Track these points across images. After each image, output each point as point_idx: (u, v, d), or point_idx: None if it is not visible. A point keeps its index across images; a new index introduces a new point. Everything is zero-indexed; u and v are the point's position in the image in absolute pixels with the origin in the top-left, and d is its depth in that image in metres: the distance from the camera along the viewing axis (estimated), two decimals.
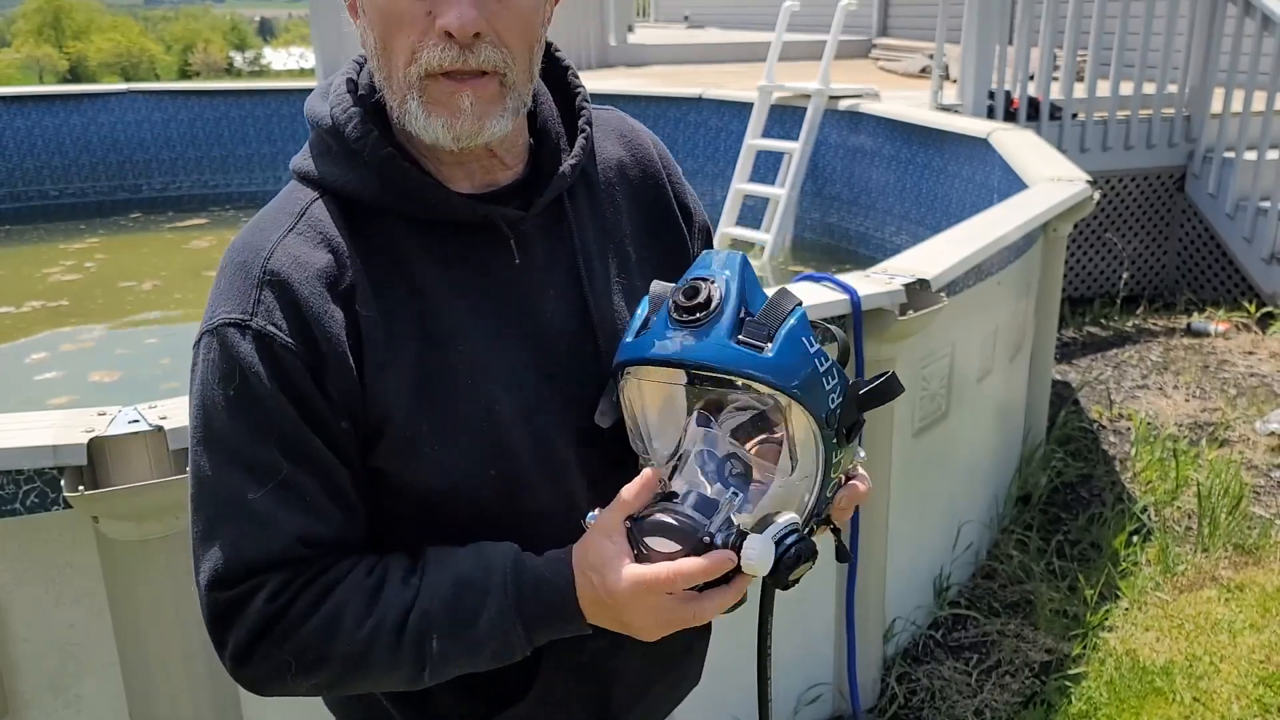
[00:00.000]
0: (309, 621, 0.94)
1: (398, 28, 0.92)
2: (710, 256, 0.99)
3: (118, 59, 33.87)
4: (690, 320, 0.95)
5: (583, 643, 1.02)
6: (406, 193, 0.98)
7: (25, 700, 1.67)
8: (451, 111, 0.94)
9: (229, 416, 0.94)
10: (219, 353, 0.95)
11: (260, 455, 0.94)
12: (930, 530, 3.00)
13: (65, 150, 7.84)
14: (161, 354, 5.21)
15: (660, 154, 1.18)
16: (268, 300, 0.94)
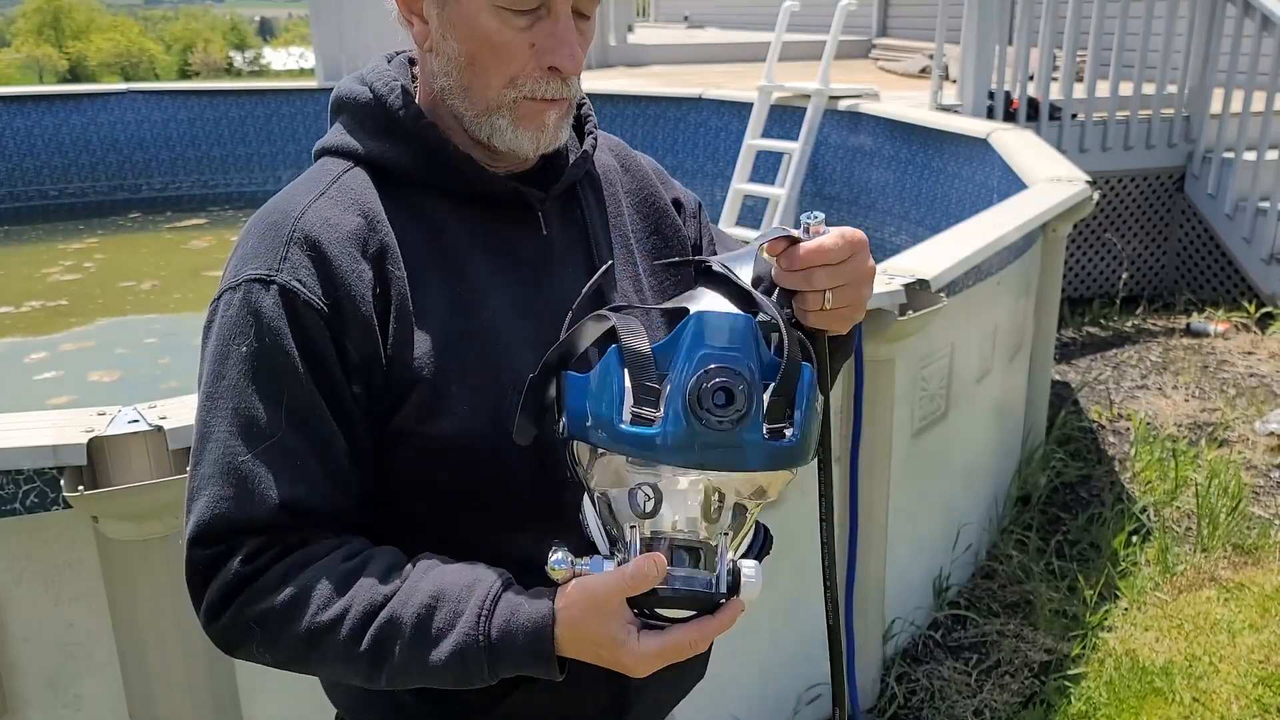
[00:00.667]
0: (278, 591, 0.93)
1: (498, 55, 0.97)
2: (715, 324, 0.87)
3: (117, 59, 33.87)
4: (718, 424, 0.85)
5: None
6: (444, 164, 1.02)
7: (25, 700, 1.67)
8: (539, 128, 1.01)
9: (239, 371, 0.95)
10: (239, 308, 0.97)
11: (260, 413, 0.94)
12: (930, 530, 3.00)
13: (65, 150, 7.84)
14: (161, 354, 5.22)
15: (648, 162, 1.24)
16: (295, 257, 0.97)
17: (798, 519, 2.43)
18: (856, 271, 0.99)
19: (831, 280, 0.98)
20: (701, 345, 0.86)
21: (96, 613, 1.66)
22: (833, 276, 0.98)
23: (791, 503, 2.38)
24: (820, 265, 0.97)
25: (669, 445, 0.85)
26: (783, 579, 2.46)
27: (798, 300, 0.99)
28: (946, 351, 2.84)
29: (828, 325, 1.01)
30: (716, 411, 0.85)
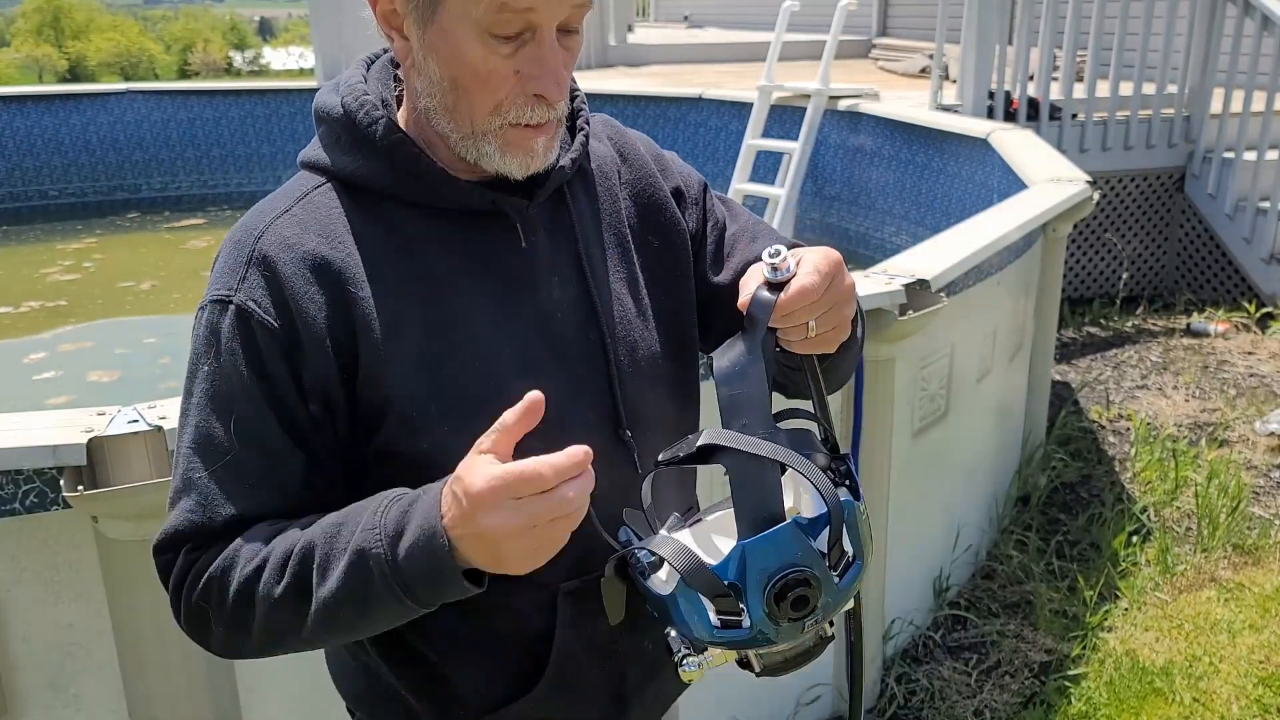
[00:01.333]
0: (214, 564, 0.97)
1: (482, 82, 0.95)
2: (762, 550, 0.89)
3: (117, 59, 33.86)
4: (802, 617, 0.91)
5: (596, 622, 1.04)
6: (417, 177, 1.01)
7: (24, 699, 1.67)
8: (527, 153, 0.99)
9: (201, 390, 0.99)
10: (204, 328, 0.99)
11: (215, 432, 0.98)
12: (929, 531, 3.00)
13: (64, 150, 7.84)
14: (160, 354, 5.21)
15: (647, 147, 1.20)
16: (253, 277, 0.97)
17: None
18: (836, 295, 0.98)
19: (815, 313, 0.96)
20: (765, 565, 0.89)
21: (96, 613, 1.66)
22: (815, 310, 0.96)
23: None
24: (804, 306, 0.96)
25: (765, 637, 0.91)
26: None
27: (782, 334, 0.98)
28: (947, 351, 2.84)
29: (816, 350, 1.01)
30: (796, 612, 0.90)
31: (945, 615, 3.05)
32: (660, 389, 1.12)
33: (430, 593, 0.90)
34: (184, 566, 1.00)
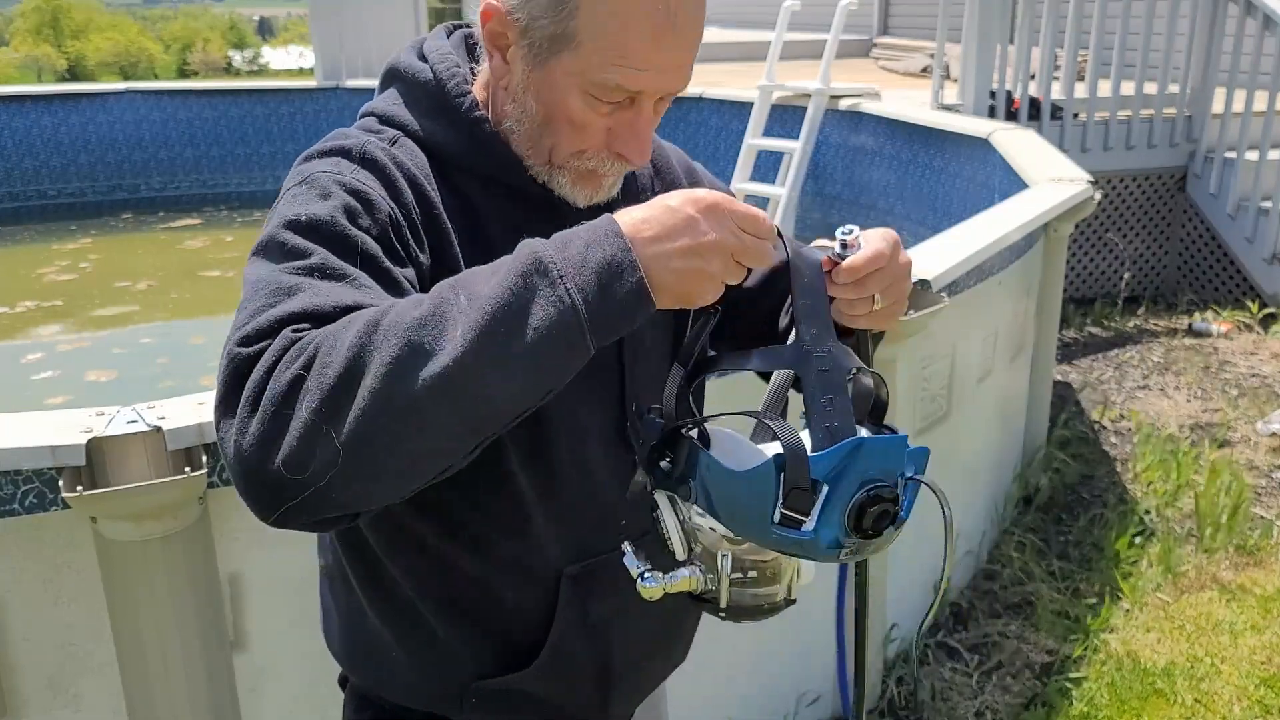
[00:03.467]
0: (326, 331, 0.82)
1: (575, 131, 0.99)
2: (879, 449, 0.85)
3: (116, 58, 33.83)
4: (874, 536, 0.86)
5: (589, 607, 1.10)
6: (489, 155, 1.03)
7: (24, 699, 1.66)
8: (595, 188, 1.04)
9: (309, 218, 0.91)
10: (321, 178, 0.95)
11: (333, 261, 0.89)
12: (930, 532, 2.99)
13: (63, 150, 7.83)
14: (158, 353, 5.21)
15: (679, 159, 1.24)
16: (366, 173, 0.97)
17: None
18: (899, 269, 0.99)
19: (882, 283, 0.97)
20: (866, 469, 0.84)
21: (96, 613, 1.65)
22: (882, 279, 0.97)
23: None
24: (874, 272, 0.96)
25: (817, 548, 0.85)
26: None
27: (845, 307, 0.98)
28: (948, 352, 2.83)
29: (876, 325, 1.02)
30: (875, 529, 0.85)
31: (946, 616, 3.05)
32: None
33: (606, 301, 0.81)
34: (284, 342, 0.81)
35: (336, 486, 0.78)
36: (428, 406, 0.77)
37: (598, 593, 1.11)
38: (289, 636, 1.76)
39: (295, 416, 0.78)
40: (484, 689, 1.10)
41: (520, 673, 1.09)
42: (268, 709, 1.79)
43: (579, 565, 1.10)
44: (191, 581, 1.65)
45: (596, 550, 1.11)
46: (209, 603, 1.68)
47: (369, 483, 0.79)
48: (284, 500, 0.79)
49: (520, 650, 1.10)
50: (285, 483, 0.78)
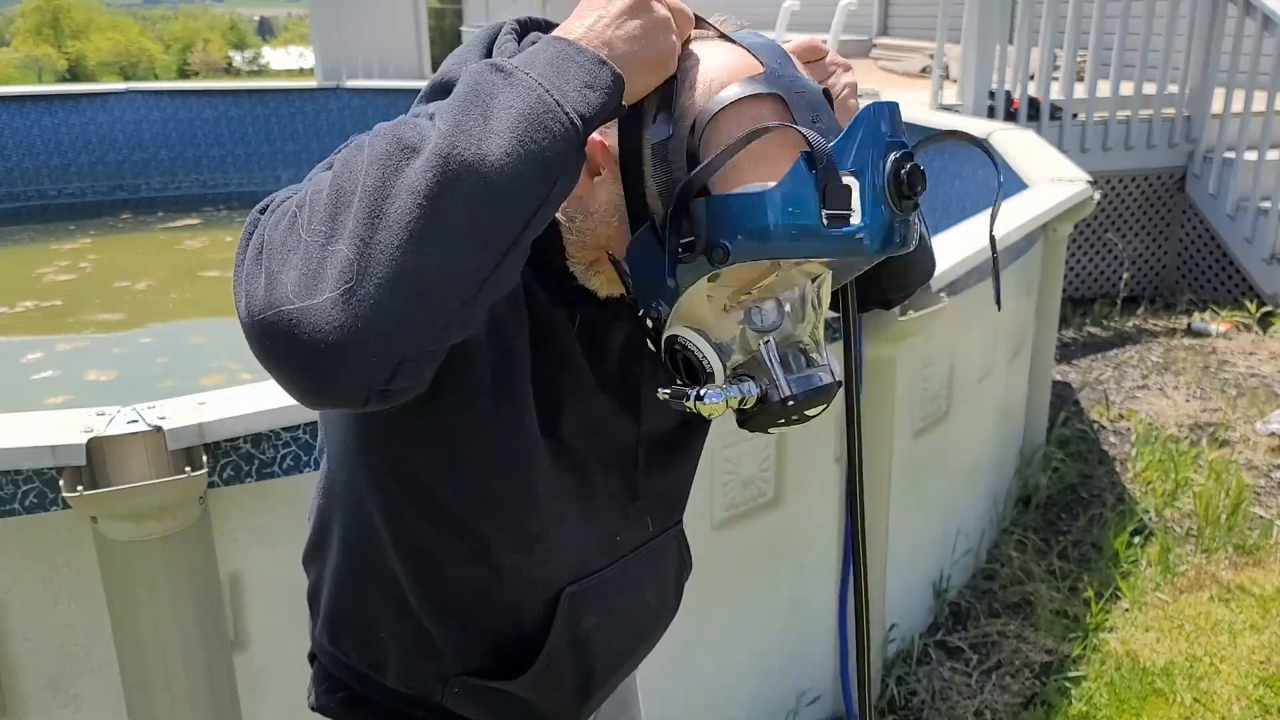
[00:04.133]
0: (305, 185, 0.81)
1: (622, 251, 0.94)
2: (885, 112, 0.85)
3: (117, 58, 33.82)
4: (910, 207, 0.85)
5: (581, 622, 1.11)
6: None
7: (24, 700, 1.66)
8: (614, 286, 0.99)
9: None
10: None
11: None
12: (930, 531, 2.99)
13: (63, 150, 7.82)
14: (158, 353, 5.21)
15: None
16: None
17: (798, 521, 2.43)
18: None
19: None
20: (884, 134, 0.84)
21: (96, 613, 1.66)
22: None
23: (792, 504, 2.38)
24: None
25: (873, 239, 0.84)
26: (783, 579, 2.46)
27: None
28: (947, 352, 2.83)
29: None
30: (911, 195, 0.84)
31: (946, 616, 3.05)
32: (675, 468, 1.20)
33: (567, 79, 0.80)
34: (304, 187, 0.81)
35: (364, 309, 0.73)
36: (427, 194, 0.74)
37: (589, 608, 1.12)
38: (289, 636, 1.76)
39: (299, 249, 0.76)
40: (467, 684, 1.10)
41: (504, 682, 1.10)
42: (268, 709, 1.80)
43: (577, 584, 1.10)
44: (191, 581, 1.65)
45: (595, 568, 1.12)
46: (209, 603, 1.68)
47: (389, 301, 0.74)
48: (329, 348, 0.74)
49: (510, 659, 1.10)
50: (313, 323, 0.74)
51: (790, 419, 0.93)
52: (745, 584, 2.32)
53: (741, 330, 0.93)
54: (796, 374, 0.92)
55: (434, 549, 1.05)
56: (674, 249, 0.87)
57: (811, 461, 2.40)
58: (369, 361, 0.74)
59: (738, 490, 2.25)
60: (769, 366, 0.91)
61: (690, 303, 0.91)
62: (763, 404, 0.91)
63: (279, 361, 0.76)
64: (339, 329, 0.73)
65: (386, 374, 0.76)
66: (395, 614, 1.09)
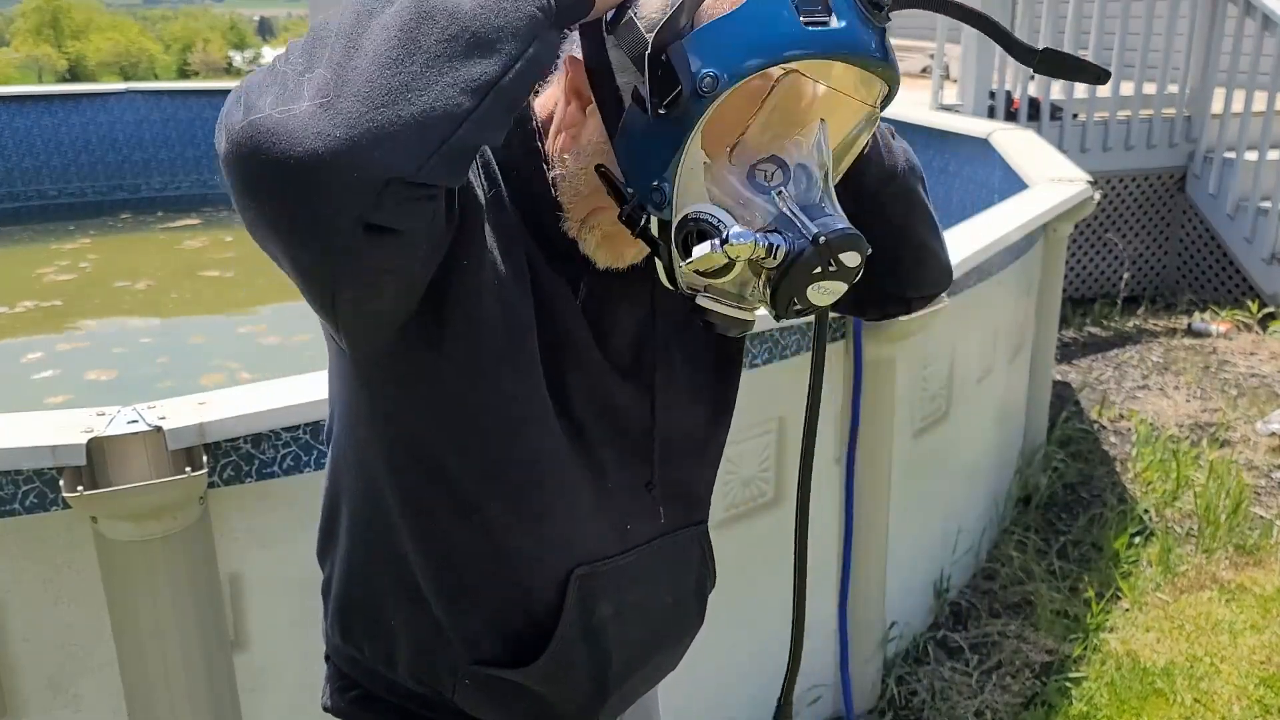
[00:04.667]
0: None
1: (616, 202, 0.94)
2: None
3: (117, 58, 33.82)
4: (880, 16, 0.86)
5: (595, 609, 1.09)
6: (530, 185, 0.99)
7: (24, 700, 1.66)
8: (617, 256, 1.00)
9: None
10: None
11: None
12: (930, 531, 2.99)
13: (63, 150, 7.82)
14: (159, 353, 5.21)
15: None
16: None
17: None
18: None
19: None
20: None
21: (96, 613, 1.66)
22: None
23: (792, 504, 2.37)
24: None
25: (854, 36, 0.85)
26: (783, 579, 2.46)
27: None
28: (947, 352, 2.83)
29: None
30: (880, 7, 0.85)
31: (946, 616, 3.05)
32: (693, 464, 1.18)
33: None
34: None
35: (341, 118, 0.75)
36: (401, 27, 0.77)
37: (603, 596, 1.11)
38: (289, 636, 1.76)
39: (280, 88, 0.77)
40: (478, 674, 1.09)
41: (518, 669, 1.08)
42: (268, 709, 1.79)
43: (588, 566, 1.09)
44: (191, 581, 1.65)
45: (606, 554, 1.11)
46: (209, 603, 1.68)
47: (367, 114, 0.75)
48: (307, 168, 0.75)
49: (521, 646, 1.09)
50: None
51: (828, 270, 0.86)
52: (745, 584, 2.32)
53: (750, 199, 0.89)
54: (819, 218, 0.87)
55: (442, 523, 1.04)
56: (660, 106, 0.87)
57: None
58: (349, 177, 0.74)
59: (738, 490, 2.25)
60: (790, 213, 0.87)
61: (691, 180, 0.89)
62: (793, 257, 0.85)
63: (258, 177, 0.76)
64: (317, 135, 0.73)
65: (370, 197, 0.76)
66: (405, 600, 1.09)
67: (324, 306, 0.87)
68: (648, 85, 0.87)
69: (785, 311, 0.89)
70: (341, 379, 1.06)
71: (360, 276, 0.83)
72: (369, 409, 1.02)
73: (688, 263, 0.88)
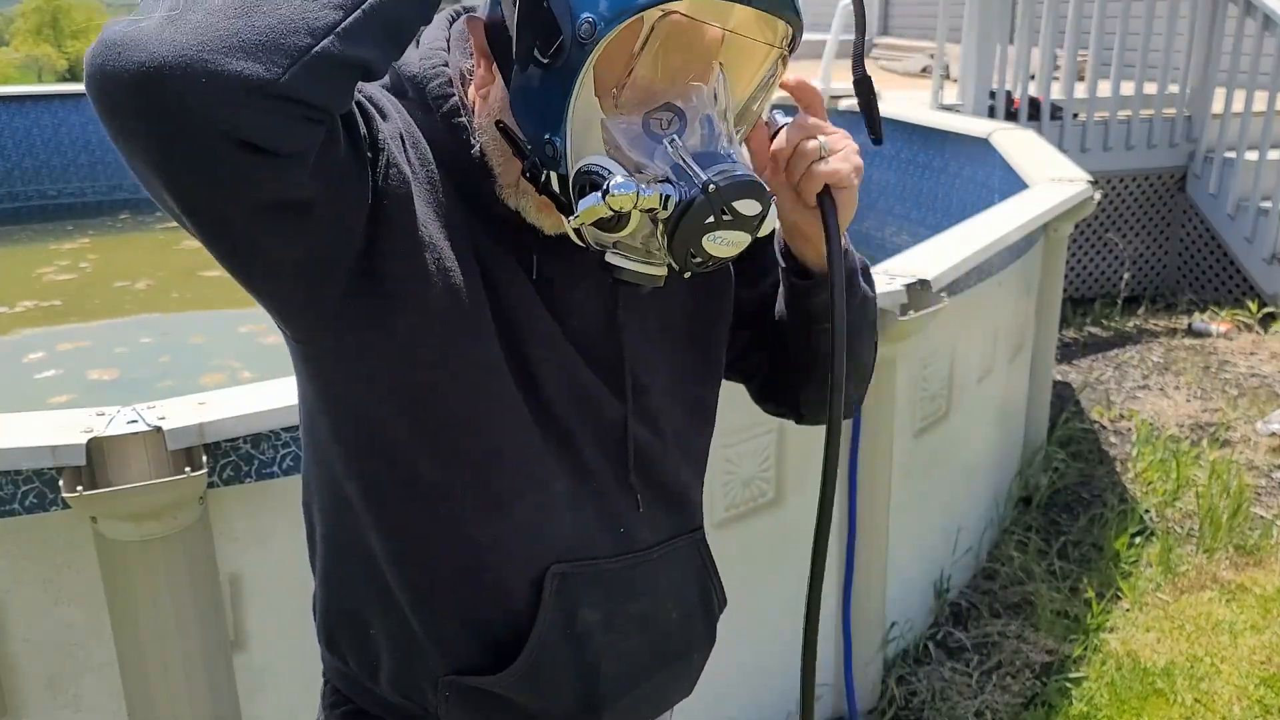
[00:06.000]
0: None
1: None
2: None
3: None
4: None
5: (576, 614, 1.05)
6: (461, 162, 0.98)
7: (23, 700, 1.66)
8: (560, 221, 0.96)
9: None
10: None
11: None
12: (930, 531, 2.99)
13: (63, 150, 7.82)
14: (160, 352, 5.21)
15: None
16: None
17: (798, 521, 2.43)
18: (841, 138, 0.99)
19: (824, 126, 0.97)
20: None
21: (96, 613, 1.66)
22: (822, 123, 0.97)
23: (792, 504, 2.37)
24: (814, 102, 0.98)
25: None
26: (783, 579, 2.46)
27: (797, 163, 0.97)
28: (947, 352, 2.83)
29: (831, 180, 0.97)
30: None
31: (946, 616, 3.05)
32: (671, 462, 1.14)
33: None
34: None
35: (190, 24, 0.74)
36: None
37: (587, 599, 1.06)
38: (289, 636, 1.76)
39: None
40: (458, 685, 1.06)
41: (494, 675, 1.05)
42: (268, 709, 1.79)
43: (568, 565, 1.05)
44: (191, 581, 1.65)
45: (590, 554, 1.07)
46: (209, 603, 1.68)
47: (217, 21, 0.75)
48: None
49: (499, 653, 1.06)
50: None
51: (722, 219, 0.84)
52: (745, 584, 2.32)
53: (649, 148, 0.87)
54: (714, 165, 0.85)
55: (406, 515, 1.02)
56: (544, 56, 0.86)
57: (811, 462, 2.40)
58: (201, 84, 0.73)
59: (738, 490, 2.24)
60: (682, 162, 0.85)
61: (587, 132, 0.87)
62: (683, 207, 0.84)
63: (112, 93, 0.74)
64: (162, 41, 0.72)
65: (230, 108, 0.74)
66: (380, 605, 1.07)
67: (227, 255, 0.85)
68: (530, 36, 0.87)
69: (685, 264, 0.88)
70: (299, 378, 1.05)
71: (248, 202, 0.80)
72: (323, 399, 1.01)
73: (574, 217, 0.87)
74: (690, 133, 0.87)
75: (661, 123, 0.88)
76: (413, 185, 0.94)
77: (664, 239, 0.86)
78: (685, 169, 0.85)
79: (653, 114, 0.89)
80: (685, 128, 0.88)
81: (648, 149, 0.87)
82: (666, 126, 0.88)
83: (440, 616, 1.05)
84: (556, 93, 0.86)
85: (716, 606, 1.23)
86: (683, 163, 0.85)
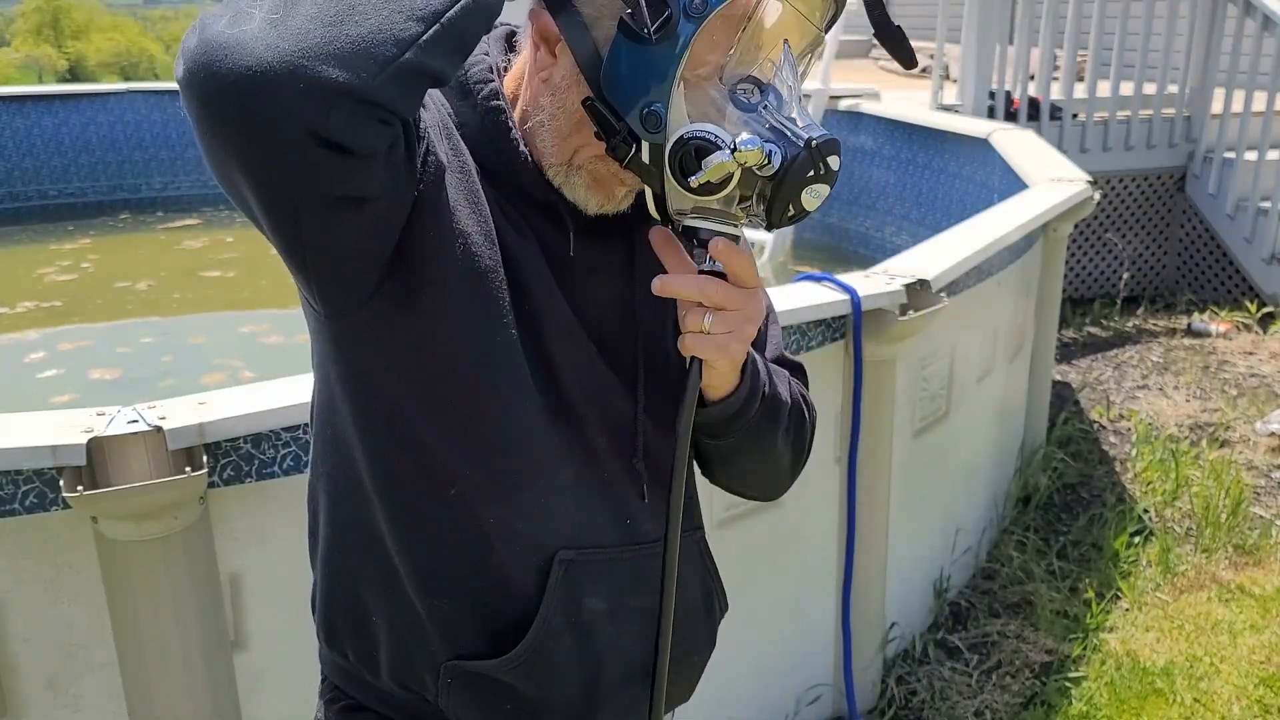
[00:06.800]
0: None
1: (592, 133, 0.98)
2: None
3: (117, 58, 33.80)
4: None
5: (582, 603, 1.06)
6: (496, 146, 1.03)
7: (24, 700, 1.67)
8: (608, 196, 1.03)
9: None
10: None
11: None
12: (930, 531, 3.00)
13: (64, 150, 7.82)
14: (161, 352, 5.21)
15: None
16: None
17: (798, 521, 2.43)
18: (749, 304, 0.99)
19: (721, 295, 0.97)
20: None
21: (96, 613, 1.66)
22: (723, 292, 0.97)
23: (792, 505, 2.38)
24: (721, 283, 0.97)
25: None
26: (783, 579, 2.46)
27: (680, 312, 1.00)
28: (947, 352, 2.84)
29: (701, 353, 1.00)
30: None
31: (946, 616, 3.05)
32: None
33: None
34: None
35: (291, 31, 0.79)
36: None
37: (592, 588, 1.07)
38: (289, 636, 1.76)
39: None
40: (459, 671, 1.06)
41: (495, 660, 1.05)
42: (268, 709, 1.80)
43: (575, 551, 1.06)
44: (192, 581, 1.65)
45: (598, 542, 1.08)
46: (209, 603, 1.68)
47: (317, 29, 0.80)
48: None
49: (502, 637, 1.06)
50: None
51: (819, 173, 0.91)
52: (745, 584, 2.32)
53: (738, 117, 0.94)
54: (803, 126, 0.92)
55: (416, 495, 1.04)
56: (652, 32, 0.91)
57: (810, 462, 2.39)
58: (297, 87, 0.78)
59: None
60: (779, 124, 0.92)
61: (679, 106, 0.93)
62: (788, 163, 0.90)
63: (214, 92, 0.78)
64: (267, 47, 0.78)
65: (321, 109, 0.79)
66: (384, 590, 1.07)
67: (290, 242, 0.89)
68: (639, 10, 0.92)
69: (780, 219, 0.93)
70: (319, 357, 1.06)
71: (320, 196, 0.85)
72: (342, 373, 1.03)
73: (699, 175, 0.91)
74: (772, 98, 0.95)
75: (749, 92, 0.95)
76: (447, 172, 0.98)
77: (760, 201, 0.93)
78: (783, 130, 0.91)
79: (739, 85, 0.95)
80: (768, 93, 0.95)
81: (743, 117, 0.94)
82: (753, 95, 0.95)
83: (445, 600, 1.06)
84: (660, 65, 0.92)
85: (718, 609, 1.24)
86: (780, 125, 0.92)
